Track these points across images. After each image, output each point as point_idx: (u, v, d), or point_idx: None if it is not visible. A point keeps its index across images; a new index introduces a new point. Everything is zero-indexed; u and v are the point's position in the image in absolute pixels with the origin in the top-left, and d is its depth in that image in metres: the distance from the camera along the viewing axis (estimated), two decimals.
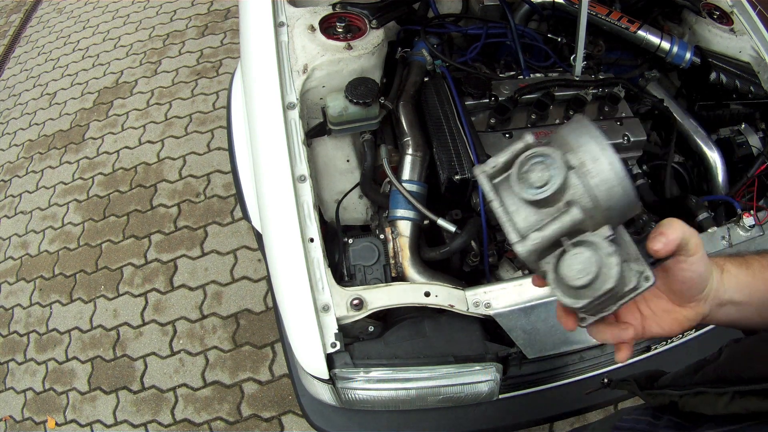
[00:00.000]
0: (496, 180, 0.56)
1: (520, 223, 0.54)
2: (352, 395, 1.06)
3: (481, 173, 0.56)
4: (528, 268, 1.34)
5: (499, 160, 0.55)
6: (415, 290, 1.06)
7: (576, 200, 0.50)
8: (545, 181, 0.50)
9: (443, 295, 1.05)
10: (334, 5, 1.39)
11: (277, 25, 1.34)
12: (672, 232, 0.55)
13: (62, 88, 3.45)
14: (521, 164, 0.52)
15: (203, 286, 2.40)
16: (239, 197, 1.40)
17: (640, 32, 1.55)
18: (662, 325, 0.62)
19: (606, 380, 0.79)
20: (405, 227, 1.20)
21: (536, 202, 0.52)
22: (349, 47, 1.29)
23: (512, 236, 0.53)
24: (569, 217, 0.50)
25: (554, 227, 0.51)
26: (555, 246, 0.53)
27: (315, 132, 1.33)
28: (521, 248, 0.53)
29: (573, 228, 0.51)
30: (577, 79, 1.42)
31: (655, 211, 1.33)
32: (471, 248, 1.23)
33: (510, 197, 0.54)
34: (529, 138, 0.53)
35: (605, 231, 0.51)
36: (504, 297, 1.06)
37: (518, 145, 0.53)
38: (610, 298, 0.52)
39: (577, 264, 0.50)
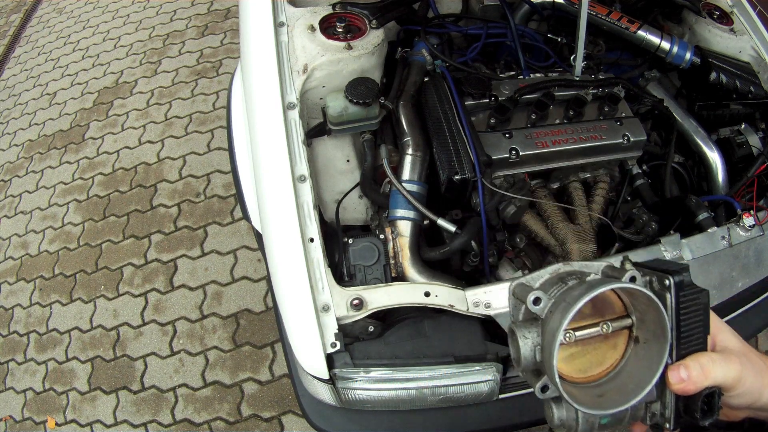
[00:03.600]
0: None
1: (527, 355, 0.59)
2: (352, 395, 1.06)
3: (516, 301, 0.61)
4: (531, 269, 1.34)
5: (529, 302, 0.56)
6: (415, 290, 1.06)
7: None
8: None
9: (443, 295, 1.05)
10: (334, 5, 1.39)
11: (277, 25, 1.34)
12: (694, 370, 0.49)
13: (62, 88, 3.46)
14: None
15: (203, 286, 2.40)
16: (239, 197, 1.40)
17: (640, 32, 1.55)
18: None
19: None
20: (405, 227, 1.20)
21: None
22: (349, 47, 1.29)
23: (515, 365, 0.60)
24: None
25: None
26: None
27: (315, 132, 1.33)
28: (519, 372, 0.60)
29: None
30: (577, 79, 1.42)
31: (655, 211, 1.32)
32: (471, 248, 1.23)
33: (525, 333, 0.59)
34: (561, 325, 0.51)
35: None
36: (504, 297, 1.06)
37: (553, 325, 0.53)
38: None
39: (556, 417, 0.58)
